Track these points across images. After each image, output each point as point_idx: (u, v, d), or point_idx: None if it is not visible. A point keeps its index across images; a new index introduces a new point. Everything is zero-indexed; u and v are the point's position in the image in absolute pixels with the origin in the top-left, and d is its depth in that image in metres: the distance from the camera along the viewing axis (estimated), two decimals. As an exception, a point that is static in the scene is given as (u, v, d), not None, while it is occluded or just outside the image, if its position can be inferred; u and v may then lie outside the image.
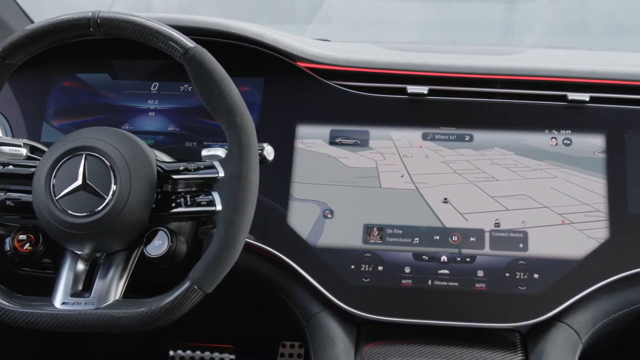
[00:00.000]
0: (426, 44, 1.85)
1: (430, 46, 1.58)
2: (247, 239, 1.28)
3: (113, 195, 1.14)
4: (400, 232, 1.32)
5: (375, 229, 1.33)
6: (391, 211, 1.33)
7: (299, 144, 1.39)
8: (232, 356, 1.84)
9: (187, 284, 1.11)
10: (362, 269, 1.31)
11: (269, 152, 1.20)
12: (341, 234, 1.33)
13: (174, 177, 1.19)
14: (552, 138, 1.35)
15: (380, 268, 1.31)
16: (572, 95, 1.36)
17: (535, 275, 1.28)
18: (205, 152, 1.19)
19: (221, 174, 1.15)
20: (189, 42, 1.16)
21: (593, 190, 1.31)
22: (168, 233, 1.19)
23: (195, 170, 1.18)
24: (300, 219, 1.34)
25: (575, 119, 1.36)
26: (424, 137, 1.37)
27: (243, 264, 1.25)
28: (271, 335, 1.86)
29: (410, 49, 1.48)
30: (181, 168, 1.19)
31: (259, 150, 1.17)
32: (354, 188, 1.35)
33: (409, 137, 1.37)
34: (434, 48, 1.53)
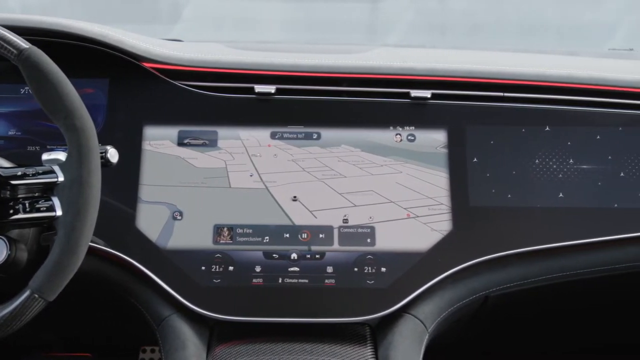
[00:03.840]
0: (280, 43, 1.85)
1: (280, 45, 1.59)
2: (94, 243, 1.26)
3: (-56, 204, 1.09)
4: (251, 231, 1.32)
5: (225, 229, 1.32)
6: (241, 211, 1.33)
7: (147, 146, 1.37)
8: (90, 364, 1.81)
9: (26, 293, 1.07)
10: (213, 269, 1.30)
11: (113, 154, 1.19)
12: (191, 235, 1.32)
13: (12, 182, 1.15)
14: (396, 134, 1.39)
15: (230, 268, 1.31)
16: (414, 93, 1.40)
17: (383, 269, 1.30)
18: (45, 156, 1.15)
19: (61, 178, 1.12)
20: (22, 43, 1.12)
21: (436, 184, 1.35)
22: (6, 241, 1.14)
23: (34, 175, 1.14)
24: (149, 221, 1.32)
25: (418, 116, 1.39)
26: (273, 136, 1.38)
27: (90, 269, 1.22)
28: (131, 340, 1.83)
29: (259, 49, 1.48)
30: (19, 173, 1.15)
31: (102, 153, 1.15)
32: (203, 189, 1.34)
33: (257, 137, 1.38)
34: (283, 47, 1.53)
